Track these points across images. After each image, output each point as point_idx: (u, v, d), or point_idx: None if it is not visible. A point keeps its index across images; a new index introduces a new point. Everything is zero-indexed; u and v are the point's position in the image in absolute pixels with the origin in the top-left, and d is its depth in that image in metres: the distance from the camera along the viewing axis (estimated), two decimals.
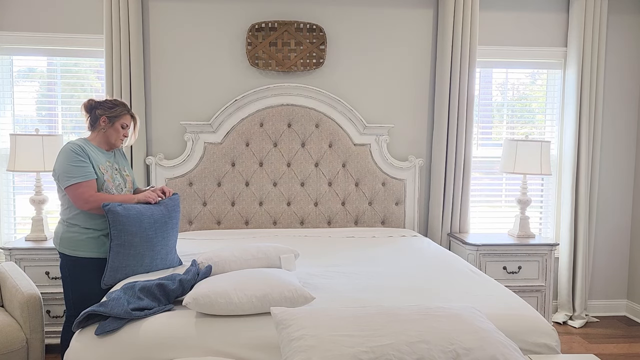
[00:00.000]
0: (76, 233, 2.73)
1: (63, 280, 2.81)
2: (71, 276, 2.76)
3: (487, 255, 3.76)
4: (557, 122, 4.30)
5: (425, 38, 4.11)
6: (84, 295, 2.69)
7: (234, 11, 3.95)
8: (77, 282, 2.74)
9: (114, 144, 2.89)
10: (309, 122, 3.93)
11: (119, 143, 2.90)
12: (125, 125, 2.87)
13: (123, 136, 2.89)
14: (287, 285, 2.25)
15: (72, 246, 2.73)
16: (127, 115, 2.89)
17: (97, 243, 2.75)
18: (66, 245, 2.75)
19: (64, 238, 2.75)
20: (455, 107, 4.00)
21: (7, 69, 3.94)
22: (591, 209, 4.20)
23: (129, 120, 2.90)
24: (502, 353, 1.77)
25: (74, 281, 2.75)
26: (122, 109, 2.87)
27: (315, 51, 3.95)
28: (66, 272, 2.78)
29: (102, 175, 2.75)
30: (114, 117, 2.83)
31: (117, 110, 2.84)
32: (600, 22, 4.08)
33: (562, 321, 4.19)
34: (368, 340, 1.75)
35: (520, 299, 2.45)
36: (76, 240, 2.73)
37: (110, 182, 2.79)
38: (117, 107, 2.85)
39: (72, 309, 2.75)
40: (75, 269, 2.74)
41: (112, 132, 2.85)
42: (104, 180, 2.75)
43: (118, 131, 2.85)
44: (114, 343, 2.08)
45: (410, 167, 4.05)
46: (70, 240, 2.74)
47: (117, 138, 2.87)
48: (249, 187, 3.92)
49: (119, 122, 2.85)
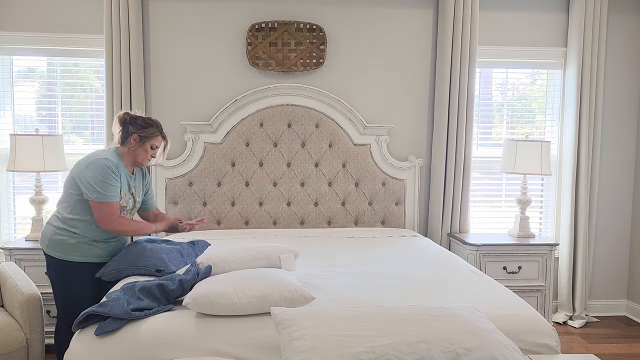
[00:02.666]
0: (66, 236, 2.68)
1: (52, 282, 2.76)
2: (60, 279, 2.71)
3: (487, 255, 3.76)
4: (557, 122, 4.30)
5: (425, 38, 4.11)
6: (73, 298, 2.66)
7: (234, 11, 3.95)
8: (67, 285, 2.69)
9: (140, 163, 2.83)
10: (309, 122, 3.93)
11: (145, 163, 2.85)
12: (155, 146, 2.81)
13: (151, 157, 2.83)
14: (287, 285, 2.25)
15: (61, 249, 2.68)
16: (159, 137, 2.82)
17: (86, 248, 2.70)
18: (54, 247, 2.69)
19: (53, 240, 2.70)
20: (455, 107, 4.00)
21: (7, 69, 3.94)
22: (591, 209, 4.20)
23: (159, 141, 2.83)
24: (502, 353, 1.77)
25: (64, 284, 2.70)
26: (155, 130, 2.80)
27: (315, 51, 3.95)
28: (54, 275, 2.73)
29: (120, 199, 2.72)
30: (146, 138, 2.77)
31: (150, 130, 2.78)
32: (600, 22, 4.08)
33: (562, 321, 4.19)
34: (368, 340, 1.75)
35: (520, 299, 2.45)
36: (66, 243, 2.67)
37: (123, 205, 2.76)
38: (150, 127, 2.79)
39: (63, 311, 2.72)
40: (63, 272, 2.69)
41: (141, 151, 2.78)
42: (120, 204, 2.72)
43: (147, 151, 2.79)
44: (114, 343, 2.08)
45: (410, 167, 4.05)
46: (59, 243, 2.68)
47: (144, 158, 2.81)
48: (249, 187, 3.92)
49: (150, 142, 2.79)
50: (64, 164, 3.59)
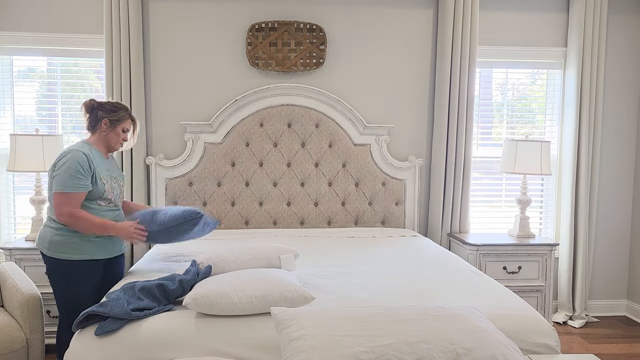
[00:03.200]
0: (66, 236, 2.67)
1: (53, 284, 2.75)
2: (62, 280, 2.70)
3: (487, 255, 3.76)
4: (557, 122, 4.30)
5: (425, 38, 4.11)
6: (76, 297, 2.65)
7: (234, 11, 3.95)
8: (69, 286, 2.69)
9: (113, 148, 2.86)
10: (309, 122, 3.93)
11: (118, 147, 2.88)
12: (126, 129, 2.85)
13: (122, 140, 2.87)
14: (287, 285, 2.25)
15: (63, 249, 2.67)
16: (129, 120, 2.86)
17: (85, 245, 2.69)
18: (55, 249, 2.68)
19: (53, 241, 2.68)
20: (455, 107, 4.00)
21: (7, 69, 3.94)
22: (591, 209, 4.20)
23: (129, 124, 2.88)
24: (502, 353, 1.77)
25: (66, 285, 2.69)
26: (124, 112, 2.84)
27: (315, 51, 3.95)
28: (56, 276, 2.72)
29: (102, 185, 2.70)
30: (116, 121, 2.80)
31: (120, 114, 2.82)
32: (600, 22, 4.08)
33: (562, 321, 4.19)
34: (368, 340, 1.75)
35: (520, 299, 2.45)
36: (67, 242, 2.67)
37: (110, 191, 2.76)
38: (119, 110, 2.82)
39: (64, 312, 2.71)
40: (65, 273, 2.69)
41: (112, 135, 2.82)
42: (105, 190, 2.72)
43: (119, 135, 2.83)
44: (114, 343, 2.08)
45: (410, 167, 4.05)
46: (59, 243, 2.67)
47: (117, 142, 2.85)
48: (249, 187, 3.92)
49: (121, 126, 2.82)
50: None
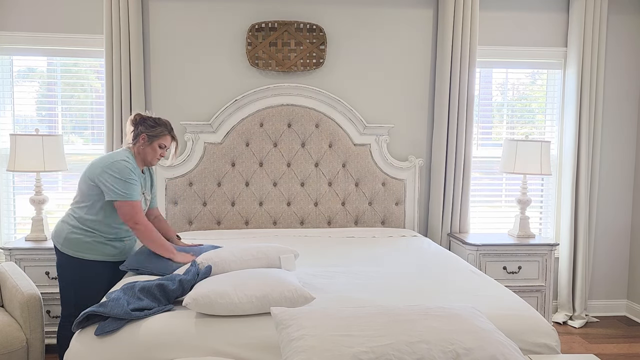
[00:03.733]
0: (82, 235, 2.74)
1: (62, 280, 2.80)
2: (74, 278, 2.76)
3: (487, 255, 3.76)
4: (557, 122, 4.30)
5: (425, 38, 4.11)
6: (85, 296, 2.68)
7: (234, 11, 3.95)
8: (81, 284, 2.74)
9: (150, 163, 2.89)
10: (309, 122, 3.93)
11: (155, 162, 2.91)
12: (163, 145, 2.87)
13: (160, 156, 2.89)
14: (287, 285, 2.25)
15: (77, 248, 2.74)
16: (167, 137, 2.88)
17: (102, 247, 2.77)
18: (70, 246, 2.74)
19: (69, 239, 2.75)
20: (455, 107, 4.00)
21: (7, 69, 3.94)
22: (591, 209, 4.20)
23: (168, 141, 2.89)
24: (502, 353, 1.77)
25: (77, 283, 2.75)
26: (163, 129, 2.86)
27: (315, 51, 3.95)
28: (67, 273, 2.77)
29: None
30: (154, 137, 2.83)
31: (158, 130, 2.84)
32: (600, 22, 4.08)
33: (562, 321, 4.19)
34: (368, 340, 1.75)
35: (520, 299, 2.45)
36: (82, 242, 2.74)
37: None
38: (158, 126, 2.85)
39: (69, 309, 2.75)
40: (78, 271, 2.75)
41: (149, 150, 2.84)
42: None
43: (155, 151, 2.85)
44: (114, 343, 2.08)
45: (410, 167, 4.05)
46: (75, 241, 2.74)
47: (153, 157, 2.87)
48: (249, 187, 3.92)
49: (158, 142, 2.84)
50: (64, 164, 3.59)
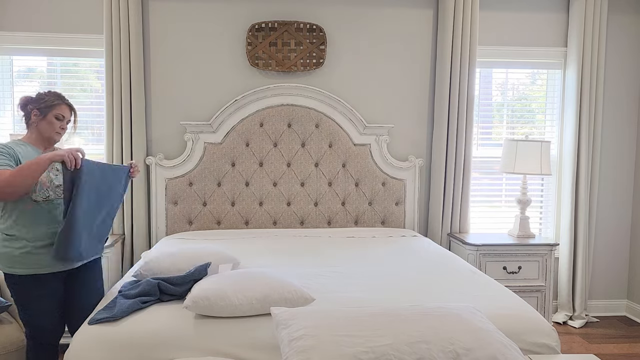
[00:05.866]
0: (9, 248, 2.42)
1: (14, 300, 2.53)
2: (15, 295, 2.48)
3: (487, 255, 3.76)
4: (557, 122, 4.30)
5: (425, 38, 4.11)
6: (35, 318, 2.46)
7: (234, 11, 3.95)
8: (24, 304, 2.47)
9: (51, 139, 2.54)
10: (309, 122, 3.93)
11: (56, 137, 2.54)
12: (60, 116, 2.52)
13: (60, 129, 2.54)
14: (287, 286, 2.25)
15: (8, 263, 2.43)
16: (62, 105, 2.54)
17: (32, 258, 2.42)
18: (3, 262, 2.44)
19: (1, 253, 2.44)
20: (455, 107, 4.00)
21: (7, 69, 3.94)
22: (591, 209, 4.20)
23: (64, 110, 2.54)
24: (502, 353, 1.77)
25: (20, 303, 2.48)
26: (54, 98, 2.52)
27: (315, 51, 3.95)
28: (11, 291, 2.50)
29: None
30: (46, 108, 2.49)
31: (48, 99, 2.50)
32: (600, 22, 4.09)
33: (562, 321, 4.19)
34: (368, 340, 1.75)
35: (520, 299, 2.45)
36: (11, 255, 2.42)
37: (46, 182, 2.43)
38: (48, 97, 2.51)
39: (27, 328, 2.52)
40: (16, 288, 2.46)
41: (44, 125, 2.50)
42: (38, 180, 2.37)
43: (52, 123, 2.50)
44: (114, 343, 2.08)
45: (410, 167, 4.05)
46: (5, 256, 2.43)
47: (52, 131, 2.51)
48: (249, 187, 3.92)
49: (52, 112, 2.50)
50: None
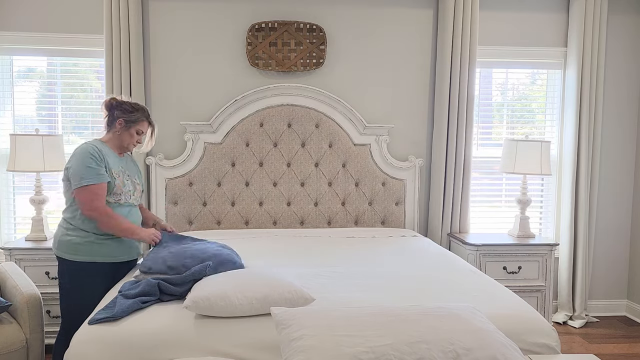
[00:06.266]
0: (74, 236, 2.67)
1: (61, 287, 2.73)
2: (71, 282, 2.68)
3: (487, 255, 3.76)
4: (557, 122, 4.30)
5: (425, 38, 4.11)
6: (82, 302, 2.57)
7: (234, 11, 3.95)
8: (77, 288, 2.66)
9: (127, 148, 2.86)
10: (309, 122, 3.93)
11: (132, 148, 2.88)
12: (140, 131, 2.83)
13: (137, 142, 2.86)
14: (287, 286, 2.25)
15: (71, 250, 2.66)
16: (145, 122, 2.85)
17: (96, 247, 2.68)
18: (64, 249, 2.68)
19: (62, 241, 2.69)
20: (455, 107, 4.00)
21: (7, 69, 3.94)
22: (591, 209, 4.20)
23: (145, 127, 2.86)
24: (502, 353, 1.77)
25: (73, 287, 2.67)
26: (141, 115, 2.82)
27: (315, 51, 3.95)
28: (65, 279, 2.70)
29: (113, 179, 2.69)
30: (131, 122, 2.79)
31: (136, 115, 2.80)
32: (600, 22, 4.09)
33: (562, 321, 4.19)
34: (368, 340, 1.75)
35: (520, 299, 2.45)
36: (75, 243, 2.66)
37: (121, 187, 2.72)
38: (136, 112, 2.81)
39: (67, 316, 2.68)
40: (75, 274, 2.67)
41: (126, 136, 2.80)
42: (115, 185, 2.69)
43: (132, 136, 2.81)
44: (114, 343, 2.08)
45: (410, 167, 4.05)
46: (68, 243, 2.67)
47: (130, 143, 2.83)
48: (249, 187, 3.92)
49: (135, 127, 2.81)
50: (64, 164, 3.58)
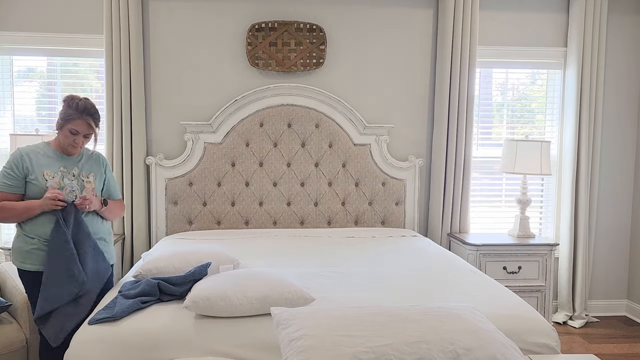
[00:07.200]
0: (22, 243, 2.51)
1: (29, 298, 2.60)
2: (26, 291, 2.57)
3: (487, 255, 3.76)
4: (557, 122, 4.30)
5: (425, 38, 4.11)
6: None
7: (234, 11, 3.95)
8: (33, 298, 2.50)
9: (66, 150, 2.55)
10: (309, 122, 3.93)
11: (71, 150, 2.55)
12: (75, 131, 2.49)
13: (74, 142, 2.52)
14: (287, 286, 2.25)
15: (20, 258, 2.52)
16: (79, 121, 2.48)
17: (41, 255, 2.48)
18: (15, 256, 2.54)
19: (14, 249, 2.55)
20: (455, 107, 4.00)
21: (7, 69, 3.94)
22: (591, 209, 4.20)
23: (81, 126, 2.49)
24: (502, 353, 1.77)
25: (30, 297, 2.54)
26: (73, 112, 2.48)
27: (315, 51, 3.95)
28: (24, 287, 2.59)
29: (44, 181, 2.48)
30: (64, 121, 2.49)
31: (68, 112, 2.48)
32: (600, 22, 4.08)
33: (562, 321, 4.19)
34: (368, 340, 1.75)
35: (521, 299, 2.45)
36: (23, 251, 2.51)
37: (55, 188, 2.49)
38: (69, 109, 2.49)
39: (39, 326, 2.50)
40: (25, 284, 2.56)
41: (61, 136, 2.52)
42: (46, 186, 2.47)
43: (67, 137, 2.51)
44: (114, 343, 2.08)
45: (410, 167, 4.05)
46: (17, 251, 2.52)
47: (66, 144, 2.53)
48: (249, 187, 3.92)
49: (68, 126, 2.49)
50: None
